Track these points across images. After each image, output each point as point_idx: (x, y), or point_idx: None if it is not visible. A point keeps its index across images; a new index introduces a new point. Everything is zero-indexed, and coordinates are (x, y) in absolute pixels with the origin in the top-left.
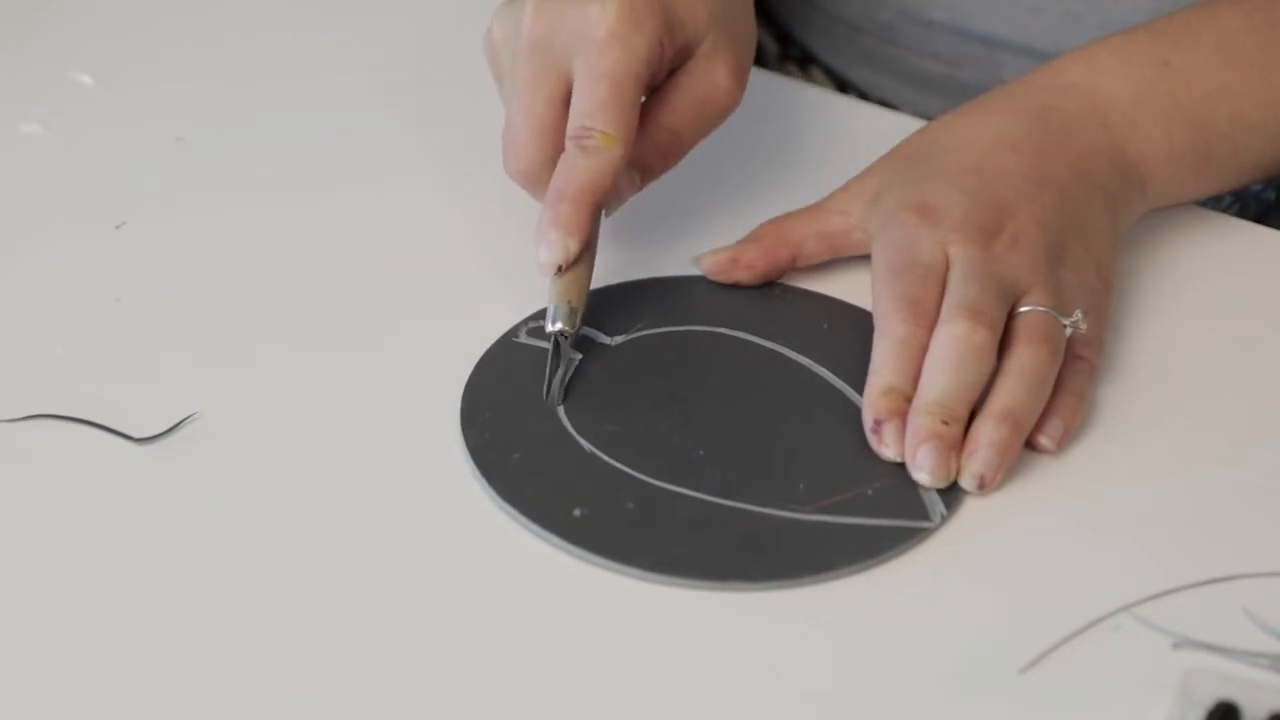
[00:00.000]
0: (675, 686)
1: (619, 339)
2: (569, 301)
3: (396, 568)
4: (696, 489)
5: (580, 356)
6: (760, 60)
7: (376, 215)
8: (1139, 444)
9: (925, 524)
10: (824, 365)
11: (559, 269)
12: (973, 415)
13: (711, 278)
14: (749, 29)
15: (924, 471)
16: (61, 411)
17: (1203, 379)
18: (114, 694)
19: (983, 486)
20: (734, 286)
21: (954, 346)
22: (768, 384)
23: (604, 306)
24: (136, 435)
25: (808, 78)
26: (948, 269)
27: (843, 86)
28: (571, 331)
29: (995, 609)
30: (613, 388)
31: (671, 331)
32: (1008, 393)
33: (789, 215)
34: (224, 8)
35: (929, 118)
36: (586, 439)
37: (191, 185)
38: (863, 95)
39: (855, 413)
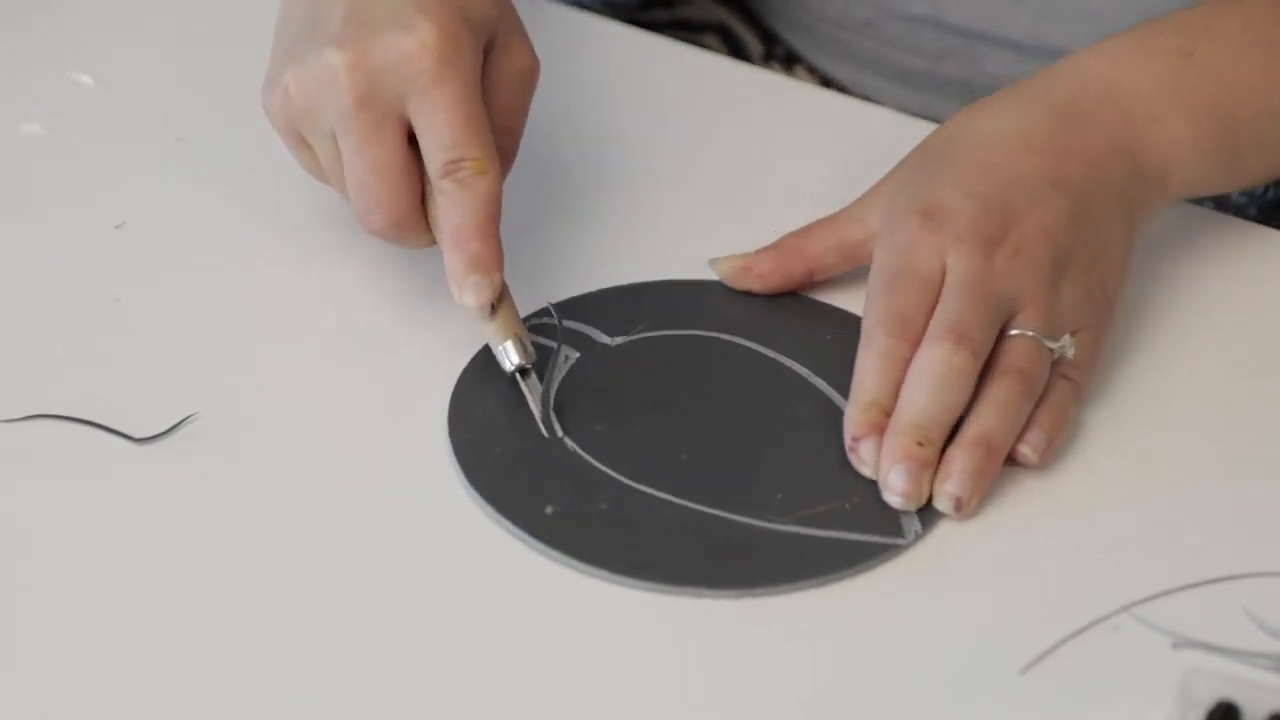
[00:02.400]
0: (642, 689)
1: (619, 340)
2: (515, 334)
3: (396, 568)
4: (674, 493)
5: (578, 355)
6: (745, 60)
7: None
8: (1139, 443)
9: (898, 541)
10: (821, 376)
11: (492, 308)
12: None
13: (725, 283)
14: (513, 6)
15: (894, 493)
16: (61, 411)
17: (1203, 378)
18: (113, 693)
19: (959, 508)
20: (746, 293)
21: (935, 369)
22: (763, 392)
23: (607, 307)
24: (136, 435)
25: (792, 77)
26: (944, 278)
27: (826, 85)
28: (528, 363)
29: (995, 609)
30: (605, 388)
31: (671, 335)
32: (983, 419)
33: (811, 226)
34: (225, 8)
35: (911, 113)
36: (571, 438)
37: (191, 185)
38: (846, 93)
39: (836, 423)
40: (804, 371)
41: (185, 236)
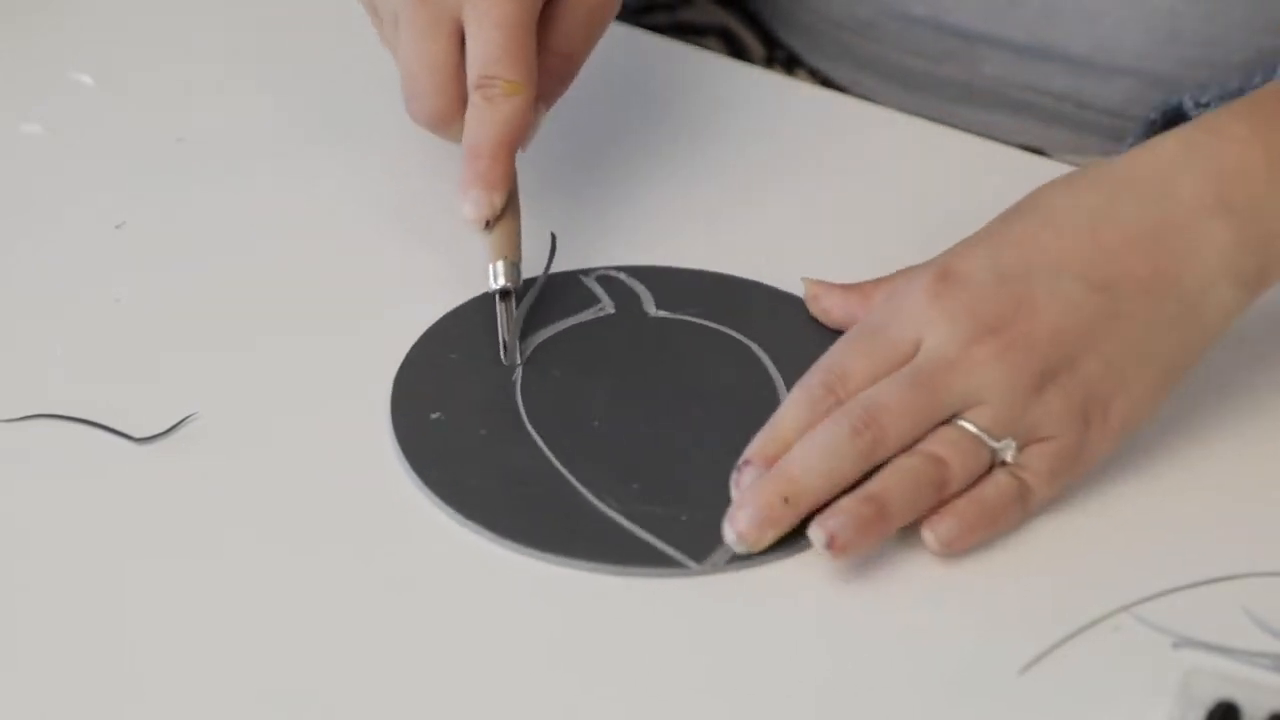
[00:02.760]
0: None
1: (661, 313)
2: (506, 257)
3: (399, 566)
4: (550, 445)
5: (613, 311)
6: (746, 61)
7: (379, 212)
8: (1138, 443)
9: (688, 563)
10: None
11: (487, 224)
12: None
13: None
14: None
15: (733, 527)
16: (61, 411)
17: (1203, 377)
18: (112, 692)
19: (831, 545)
20: (814, 320)
21: (831, 440)
22: (738, 402)
23: (684, 286)
24: (136, 435)
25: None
26: (914, 351)
27: (826, 87)
28: (514, 287)
29: (995, 609)
30: (603, 346)
31: (709, 328)
32: (881, 480)
33: (890, 275)
34: (224, 8)
35: (910, 114)
36: (526, 370)
37: (191, 185)
38: (844, 93)
39: None
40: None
41: (185, 236)
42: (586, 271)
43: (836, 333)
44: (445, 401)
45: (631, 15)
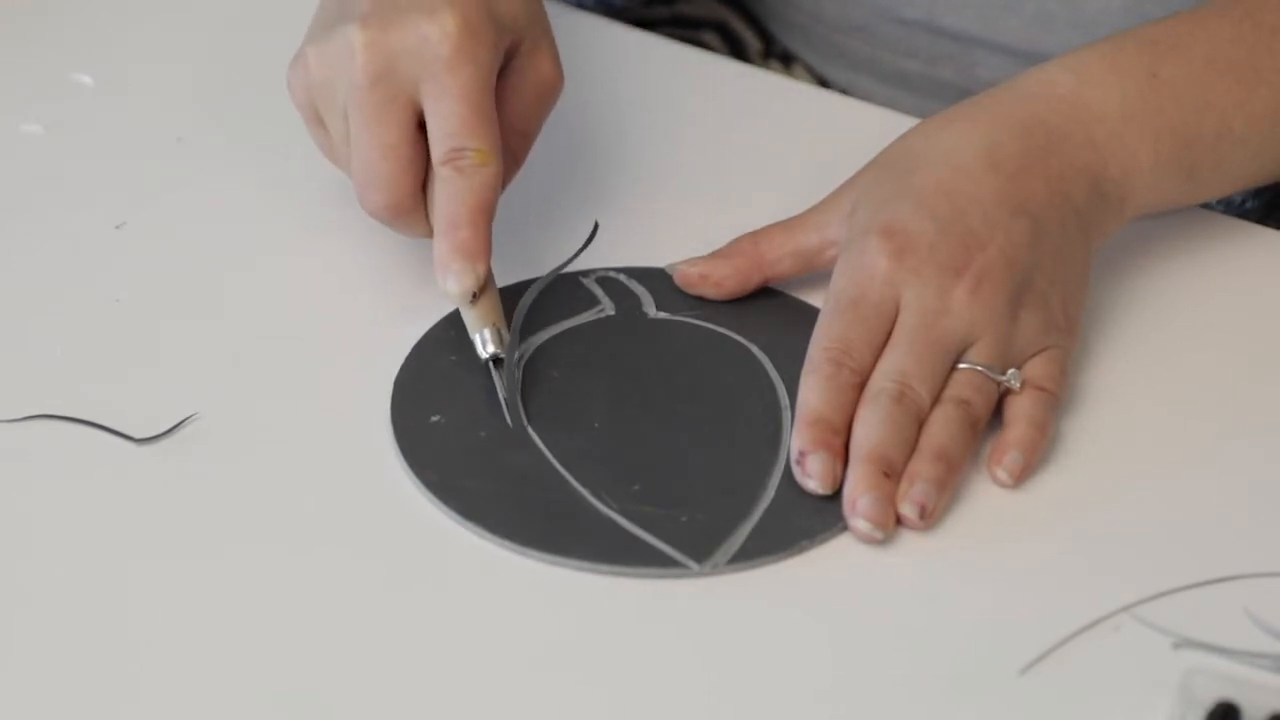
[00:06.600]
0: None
1: (662, 315)
2: (493, 324)
3: (399, 566)
4: (549, 446)
5: (612, 313)
6: (743, 57)
7: None
8: (1139, 443)
9: (688, 563)
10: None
11: (473, 296)
12: None
13: (681, 287)
14: (546, 17)
15: (865, 518)
16: (61, 411)
17: (1204, 378)
18: (111, 692)
19: (924, 515)
20: (812, 321)
21: (885, 411)
22: (739, 404)
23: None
24: (136, 435)
25: (790, 75)
26: (897, 310)
27: (823, 85)
28: (502, 352)
29: (995, 609)
30: (599, 346)
31: (709, 329)
32: (933, 436)
33: (767, 231)
34: (223, 8)
35: (908, 114)
36: (526, 369)
37: (191, 185)
38: (842, 94)
39: (770, 453)
40: (786, 402)
41: (185, 236)
42: (586, 273)
43: None
44: (445, 404)
45: (630, 9)
